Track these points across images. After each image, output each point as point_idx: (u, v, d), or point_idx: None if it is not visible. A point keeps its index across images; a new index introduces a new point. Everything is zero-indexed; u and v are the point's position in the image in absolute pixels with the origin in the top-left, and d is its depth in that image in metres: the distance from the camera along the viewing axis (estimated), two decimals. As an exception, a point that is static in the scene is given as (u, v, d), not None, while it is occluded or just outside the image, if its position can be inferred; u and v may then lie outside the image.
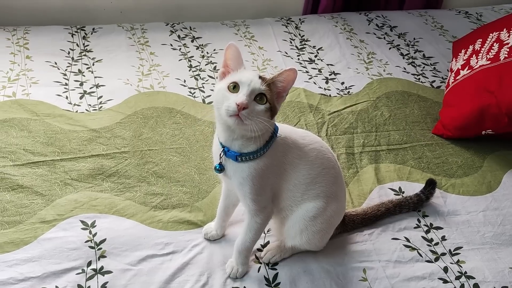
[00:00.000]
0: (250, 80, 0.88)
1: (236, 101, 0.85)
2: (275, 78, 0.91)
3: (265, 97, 0.88)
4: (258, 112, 0.87)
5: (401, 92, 1.70)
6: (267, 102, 0.89)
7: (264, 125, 0.88)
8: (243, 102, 0.85)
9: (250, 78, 0.88)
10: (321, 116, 1.56)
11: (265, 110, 0.88)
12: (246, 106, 0.85)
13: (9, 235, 1.08)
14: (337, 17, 2.13)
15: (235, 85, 0.88)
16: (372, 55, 1.91)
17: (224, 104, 0.87)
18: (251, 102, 0.87)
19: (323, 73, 1.78)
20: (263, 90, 0.88)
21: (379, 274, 1.09)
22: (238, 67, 0.92)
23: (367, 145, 1.46)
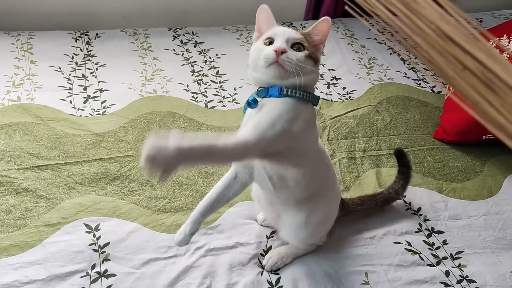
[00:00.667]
0: (284, 31, 0.87)
1: (274, 47, 0.83)
2: (309, 31, 0.90)
3: (302, 46, 0.86)
4: (298, 58, 0.84)
5: (402, 97, 1.71)
6: (305, 49, 0.86)
7: (309, 69, 0.85)
8: (281, 46, 0.83)
9: (284, 30, 0.88)
10: (323, 121, 1.57)
11: (305, 57, 0.85)
12: (285, 50, 0.83)
13: (14, 238, 1.09)
14: (338, 23, 2.15)
15: (270, 41, 0.86)
16: (373, 60, 1.92)
17: (261, 55, 0.84)
18: (289, 49, 0.84)
19: (325, 78, 1.80)
20: (299, 39, 0.86)
21: (381, 277, 1.10)
22: (271, 27, 0.91)
23: (368, 149, 1.48)
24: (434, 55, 0.50)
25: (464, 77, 0.49)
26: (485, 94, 0.47)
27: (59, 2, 1.99)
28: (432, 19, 0.51)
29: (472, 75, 0.48)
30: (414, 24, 0.52)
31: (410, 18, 0.52)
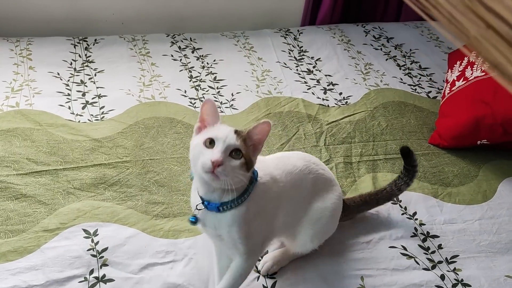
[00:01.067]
0: (225, 136, 0.88)
1: (211, 158, 0.85)
2: (250, 131, 0.91)
3: (241, 152, 0.88)
4: (233, 168, 0.87)
5: (398, 103, 1.73)
6: (242, 157, 0.88)
7: (240, 179, 0.88)
8: (218, 159, 0.85)
9: (225, 133, 0.88)
10: (319, 126, 1.59)
11: (241, 165, 0.88)
12: (221, 163, 0.85)
13: (12, 244, 1.10)
14: (335, 29, 2.17)
15: (211, 141, 0.88)
16: (369, 66, 1.94)
17: (199, 160, 0.87)
18: (226, 158, 0.87)
19: (321, 83, 1.82)
20: (238, 146, 0.88)
21: (377, 282, 1.11)
22: (215, 122, 0.93)
23: (364, 154, 1.49)
24: (456, 14, 0.47)
25: (487, 37, 0.46)
26: (509, 54, 0.45)
27: (58, 9, 2.00)
28: None
29: (495, 34, 0.45)
30: None
31: None
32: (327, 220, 1.09)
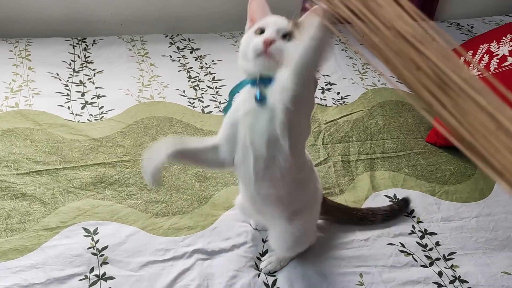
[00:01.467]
0: (275, 21, 0.85)
1: (263, 38, 0.81)
2: (303, 19, 0.85)
3: (293, 36, 0.83)
4: (288, 47, 0.81)
5: (395, 102, 1.74)
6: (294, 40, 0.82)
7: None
8: (269, 37, 0.81)
9: (274, 20, 0.85)
10: (318, 125, 1.60)
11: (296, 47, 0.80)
12: (274, 40, 0.81)
13: (13, 243, 1.10)
14: (333, 29, 2.18)
15: (262, 31, 0.85)
16: (367, 66, 1.96)
17: (251, 45, 0.83)
18: (279, 39, 0.82)
19: (319, 83, 1.83)
20: (290, 29, 0.83)
21: (375, 278, 1.12)
22: (264, 15, 0.89)
23: (362, 153, 1.50)
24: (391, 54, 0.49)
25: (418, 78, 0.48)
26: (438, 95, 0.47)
27: (57, 10, 2.01)
28: (389, 18, 0.49)
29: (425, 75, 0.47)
30: (372, 23, 0.51)
31: (368, 17, 0.52)
32: (310, 227, 1.11)
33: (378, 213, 1.25)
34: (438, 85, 0.47)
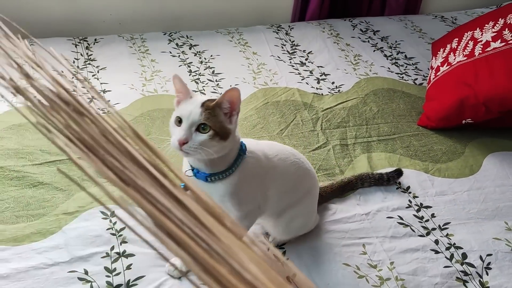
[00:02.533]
0: (189, 113, 0.90)
1: (177, 138, 0.89)
2: (219, 101, 0.92)
3: (207, 125, 0.90)
4: (202, 142, 0.89)
5: (387, 90, 1.83)
6: (210, 129, 0.90)
7: (213, 150, 0.90)
8: (181, 138, 0.89)
9: (189, 110, 0.91)
10: (315, 113, 1.68)
11: (210, 137, 0.89)
12: (185, 141, 0.89)
13: (35, 226, 1.16)
14: (324, 24, 2.28)
15: (179, 120, 0.92)
16: (359, 57, 2.05)
17: (171, 139, 0.92)
18: (191, 134, 0.90)
19: (314, 74, 1.91)
20: (202, 120, 0.90)
21: (377, 248, 1.20)
22: (186, 96, 0.95)
23: (359, 137, 1.59)
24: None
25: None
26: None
27: (57, 11, 2.06)
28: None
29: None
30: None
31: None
32: (306, 216, 1.17)
33: (365, 180, 1.37)
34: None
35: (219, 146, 0.91)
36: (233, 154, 0.97)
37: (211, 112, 0.91)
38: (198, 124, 0.90)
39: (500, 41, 1.57)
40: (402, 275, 1.13)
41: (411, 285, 1.11)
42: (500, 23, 1.62)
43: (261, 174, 1.02)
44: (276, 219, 1.13)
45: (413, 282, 1.12)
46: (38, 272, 1.05)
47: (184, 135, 0.89)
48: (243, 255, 0.41)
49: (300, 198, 1.13)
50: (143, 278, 1.08)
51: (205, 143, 0.90)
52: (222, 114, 0.93)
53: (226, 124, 0.93)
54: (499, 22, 1.63)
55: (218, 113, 0.92)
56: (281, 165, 1.06)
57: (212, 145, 0.90)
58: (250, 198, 1.02)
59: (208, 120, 0.90)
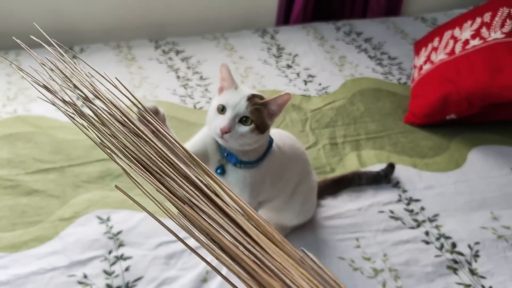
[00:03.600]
0: (235, 103, 0.93)
1: (220, 126, 0.92)
2: (269, 101, 0.95)
3: (250, 118, 0.93)
4: (242, 134, 0.93)
5: (373, 89, 1.88)
6: (252, 123, 0.93)
7: (249, 142, 0.95)
8: (225, 127, 0.92)
9: (236, 101, 0.93)
10: (304, 114, 1.72)
11: (250, 130, 0.92)
12: (228, 130, 0.92)
13: (32, 233, 1.16)
14: (308, 27, 2.32)
15: (223, 107, 0.94)
16: (344, 59, 2.10)
17: (212, 124, 0.95)
18: (234, 125, 0.92)
19: (301, 76, 1.95)
20: (247, 114, 0.92)
21: (370, 241, 1.23)
22: (231, 86, 0.97)
23: (348, 135, 1.63)
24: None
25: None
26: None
27: (43, 21, 2.07)
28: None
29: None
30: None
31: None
32: (311, 198, 1.22)
33: (363, 176, 1.41)
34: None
35: (256, 138, 0.95)
36: (265, 146, 1.01)
37: (257, 107, 0.94)
38: (242, 116, 0.93)
39: (478, 39, 1.63)
40: (395, 266, 1.17)
41: (404, 275, 1.15)
42: (478, 22, 1.69)
43: (278, 166, 1.06)
44: (287, 203, 1.16)
45: (406, 272, 1.15)
46: (38, 277, 1.06)
47: (228, 124, 0.92)
48: (294, 271, 0.45)
49: (306, 178, 1.17)
50: (141, 278, 1.09)
51: (245, 135, 0.93)
52: (266, 111, 0.95)
53: (267, 121, 0.96)
54: (476, 21, 1.69)
55: (263, 110, 0.95)
56: (290, 153, 1.11)
57: (250, 137, 0.94)
58: (265, 189, 1.06)
59: (253, 115, 0.93)
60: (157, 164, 0.53)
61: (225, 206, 0.50)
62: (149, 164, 0.53)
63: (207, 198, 0.50)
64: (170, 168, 0.53)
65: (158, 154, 0.54)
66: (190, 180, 0.52)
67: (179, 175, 0.52)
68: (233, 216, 0.49)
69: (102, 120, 0.57)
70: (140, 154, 0.53)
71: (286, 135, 1.16)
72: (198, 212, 0.49)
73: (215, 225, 0.48)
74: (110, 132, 0.55)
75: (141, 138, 0.55)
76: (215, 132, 0.94)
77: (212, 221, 0.48)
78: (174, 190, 0.52)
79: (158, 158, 0.54)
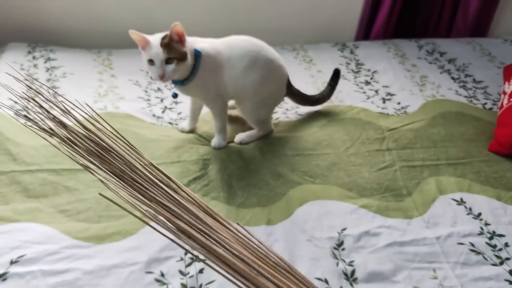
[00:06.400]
0: (156, 54, 1.29)
1: (156, 74, 1.30)
2: (168, 37, 1.29)
3: (171, 58, 1.29)
4: (173, 70, 1.30)
5: (455, 113, 1.80)
6: (174, 60, 1.29)
7: (183, 69, 1.33)
8: (160, 74, 1.30)
9: (155, 52, 1.29)
10: (381, 132, 1.68)
11: (176, 64, 1.29)
12: (163, 75, 1.30)
13: (116, 227, 1.23)
14: (389, 43, 2.27)
15: (150, 61, 1.31)
16: (425, 78, 2.03)
17: (151, 75, 1.34)
18: (164, 69, 1.30)
19: (380, 94, 1.91)
20: (167, 56, 1.28)
21: (448, 273, 1.18)
22: (146, 43, 1.31)
23: (427, 159, 1.57)
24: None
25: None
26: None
27: (133, 24, 2.18)
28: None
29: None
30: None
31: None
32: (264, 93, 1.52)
33: (325, 94, 1.76)
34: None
35: (184, 65, 1.32)
36: (192, 62, 1.35)
37: (167, 46, 1.29)
38: (165, 60, 1.29)
39: None
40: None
41: (485, 315, 1.08)
42: None
43: (214, 67, 1.41)
44: (241, 103, 1.53)
45: (487, 312, 1.09)
46: (119, 270, 1.11)
47: (161, 71, 1.30)
48: (231, 238, 0.65)
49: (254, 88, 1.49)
50: (213, 282, 1.12)
51: (175, 69, 1.31)
52: (175, 43, 1.30)
53: (181, 49, 1.31)
54: None
55: (173, 45, 1.29)
56: (233, 57, 1.43)
57: (180, 68, 1.32)
58: (211, 86, 1.43)
59: (170, 53, 1.29)
60: (127, 174, 0.74)
61: (181, 198, 0.73)
62: (121, 174, 0.74)
63: (168, 195, 0.72)
64: (137, 175, 0.75)
65: (127, 164, 0.76)
66: (154, 182, 0.75)
67: (146, 180, 0.75)
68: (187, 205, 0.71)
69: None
70: (114, 166, 0.74)
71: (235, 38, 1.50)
72: (162, 207, 0.70)
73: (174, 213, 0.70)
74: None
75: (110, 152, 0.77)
76: (155, 80, 1.33)
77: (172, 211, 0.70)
78: (143, 192, 0.73)
79: (127, 168, 0.75)
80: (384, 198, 1.41)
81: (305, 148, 1.58)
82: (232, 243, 0.65)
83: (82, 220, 1.25)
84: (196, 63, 1.36)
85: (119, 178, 0.72)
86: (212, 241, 0.66)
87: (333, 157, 1.55)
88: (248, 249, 0.65)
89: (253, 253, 0.66)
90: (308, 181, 1.45)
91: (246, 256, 0.64)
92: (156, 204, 0.69)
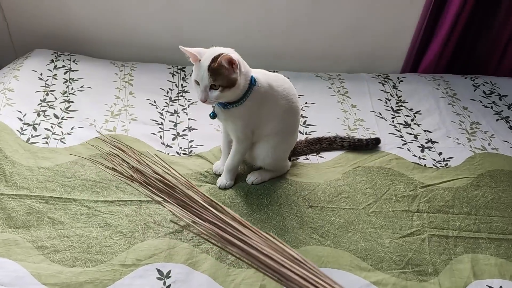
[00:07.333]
0: (201, 77, 1.19)
1: (199, 98, 1.22)
2: (218, 63, 1.16)
3: (216, 84, 1.19)
4: (217, 95, 1.20)
5: (508, 172, 1.53)
6: (219, 86, 1.19)
7: (229, 96, 1.22)
8: (201, 99, 1.21)
9: (201, 75, 1.19)
10: (413, 188, 1.45)
11: (221, 90, 1.19)
12: (205, 100, 1.21)
13: (90, 275, 1.11)
14: (439, 79, 2.02)
15: (196, 82, 1.22)
16: (476, 125, 1.76)
17: (196, 94, 1.24)
18: (207, 93, 1.20)
19: (419, 140, 1.68)
20: (212, 83, 1.18)
21: None
22: (196, 60, 1.22)
23: (464, 229, 1.33)
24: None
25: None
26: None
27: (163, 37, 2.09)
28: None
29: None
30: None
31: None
32: (283, 139, 1.40)
33: (345, 141, 1.60)
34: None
35: (230, 92, 1.21)
36: (244, 88, 1.24)
37: (215, 72, 1.17)
38: (210, 86, 1.20)
39: None
40: None
41: None
42: None
43: (264, 100, 1.30)
44: (261, 142, 1.39)
45: None
46: (80, 331, 0.99)
47: (203, 96, 1.21)
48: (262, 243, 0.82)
49: (283, 128, 1.38)
50: None
51: (219, 96, 1.21)
52: (225, 69, 1.18)
53: (231, 76, 1.19)
54: None
55: (222, 71, 1.18)
56: (280, 94, 1.33)
57: (225, 95, 1.21)
58: (252, 119, 1.32)
59: (216, 80, 1.18)
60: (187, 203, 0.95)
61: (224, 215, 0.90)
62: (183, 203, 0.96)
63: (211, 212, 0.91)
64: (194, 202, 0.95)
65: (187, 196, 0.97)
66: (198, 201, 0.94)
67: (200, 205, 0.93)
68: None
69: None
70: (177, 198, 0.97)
71: (282, 79, 1.38)
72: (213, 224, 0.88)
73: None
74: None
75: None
76: (200, 101, 1.22)
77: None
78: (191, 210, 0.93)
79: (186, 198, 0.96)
80: (403, 275, 1.19)
81: (320, 199, 1.39)
82: (263, 246, 0.81)
83: (57, 262, 1.14)
84: (248, 90, 1.25)
85: (181, 207, 0.93)
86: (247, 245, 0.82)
87: (351, 214, 1.35)
88: (276, 250, 0.81)
89: (280, 253, 0.81)
90: (317, 241, 1.26)
91: (274, 255, 0.80)
92: (208, 223, 0.88)
